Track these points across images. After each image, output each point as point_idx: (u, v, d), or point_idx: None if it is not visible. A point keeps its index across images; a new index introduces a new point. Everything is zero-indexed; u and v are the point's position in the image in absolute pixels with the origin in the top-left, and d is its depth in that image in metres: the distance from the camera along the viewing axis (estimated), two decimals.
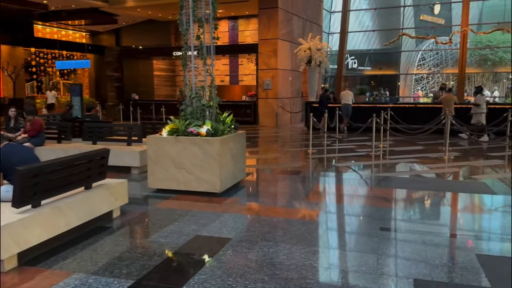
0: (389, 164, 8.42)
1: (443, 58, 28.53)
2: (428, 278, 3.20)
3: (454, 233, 4.37)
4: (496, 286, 3.09)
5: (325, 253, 3.78)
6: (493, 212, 5.25)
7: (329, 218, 4.97)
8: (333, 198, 5.99)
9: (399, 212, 5.28)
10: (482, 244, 4.05)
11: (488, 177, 7.08)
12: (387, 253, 3.71)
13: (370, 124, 9.57)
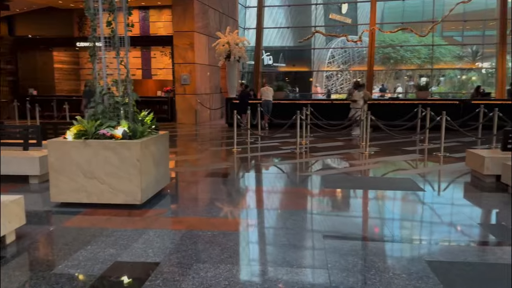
0: (315, 161, 8.27)
1: (351, 56, 29.97)
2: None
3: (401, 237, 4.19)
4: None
5: (275, 272, 3.30)
6: (433, 212, 5.23)
7: (270, 227, 4.52)
8: (269, 203, 5.57)
9: (341, 216, 5.02)
10: (436, 252, 3.90)
11: (411, 172, 7.22)
12: (337, 267, 3.36)
13: (294, 121, 9.39)
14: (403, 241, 3.99)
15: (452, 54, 26.39)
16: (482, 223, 4.60)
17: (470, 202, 5.61)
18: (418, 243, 3.97)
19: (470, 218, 4.76)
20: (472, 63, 25.22)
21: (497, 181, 6.16)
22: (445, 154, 8.69)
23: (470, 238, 4.13)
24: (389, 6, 29.33)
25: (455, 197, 5.85)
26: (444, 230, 4.45)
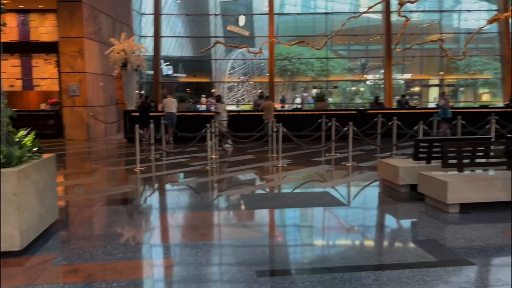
0: (229, 178, 7.70)
1: (250, 67, 30.29)
2: None
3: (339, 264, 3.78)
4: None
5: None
6: (364, 228, 4.97)
7: (190, 266, 3.78)
8: (186, 234, 4.81)
9: (269, 245, 4.48)
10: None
11: (327, 185, 7.03)
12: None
13: (204, 134, 8.74)
14: (350, 269, 3.59)
15: (342, 67, 28.11)
16: (415, 239, 4.44)
17: (393, 214, 5.51)
18: (367, 276, 3.60)
19: (402, 233, 4.60)
20: (361, 75, 27.20)
21: (412, 191, 6.22)
22: (353, 163, 8.78)
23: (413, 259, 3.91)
24: (282, 21, 30.32)
25: (378, 211, 5.73)
26: (383, 250, 4.19)
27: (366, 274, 3.42)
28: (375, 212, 5.63)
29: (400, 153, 10.17)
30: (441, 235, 4.43)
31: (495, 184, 5.22)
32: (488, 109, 13.73)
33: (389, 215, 5.44)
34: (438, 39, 14.32)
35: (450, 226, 4.75)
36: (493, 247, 4.12)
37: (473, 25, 25.83)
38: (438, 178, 5.34)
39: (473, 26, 25.55)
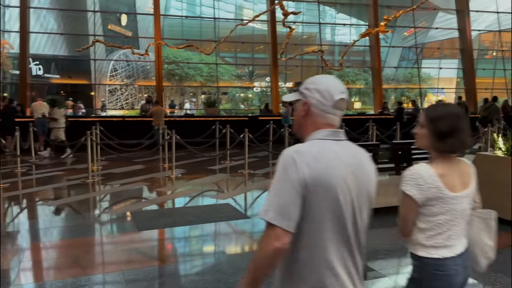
0: (116, 193, 6.85)
1: (135, 70, 28.68)
2: None
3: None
4: None
5: None
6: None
7: None
8: (64, 267, 3.96)
9: (175, 274, 3.91)
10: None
11: (226, 196, 6.67)
12: None
13: (84, 142, 7.68)
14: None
15: (230, 73, 28.28)
16: None
17: None
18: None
19: None
20: (250, 82, 27.65)
21: None
22: (250, 171, 8.60)
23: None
24: (168, 24, 29.39)
25: None
26: None
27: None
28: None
29: None
30: None
31: (388, 190, 5.42)
32: (365, 116, 14.91)
33: None
34: (319, 50, 15.11)
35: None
36: (397, 253, 4.18)
37: (345, 39, 28.21)
38: None
39: (345, 39, 27.90)
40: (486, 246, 1.89)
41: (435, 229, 1.77)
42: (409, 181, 1.81)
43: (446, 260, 1.76)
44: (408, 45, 26.74)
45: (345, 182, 1.32)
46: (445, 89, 26.14)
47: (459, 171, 1.81)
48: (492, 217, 1.92)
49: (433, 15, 26.25)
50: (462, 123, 1.76)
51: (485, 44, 27.99)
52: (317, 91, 1.40)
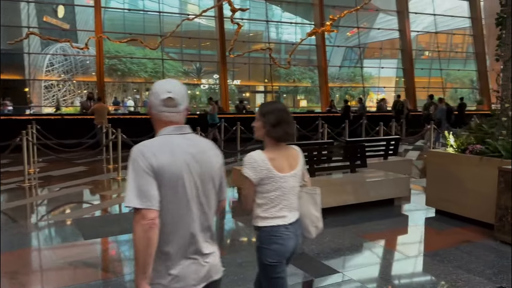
0: (56, 197, 6.28)
1: (73, 65, 27.11)
2: None
3: None
4: None
5: None
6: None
7: None
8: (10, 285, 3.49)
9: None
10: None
11: None
12: None
13: (19, 142, 7.00)
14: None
15: (176, 70, 27.56)
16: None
17: None
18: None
19: None
20: (198, 79, 27.08)
21: None
22: None
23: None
24: (109, 17, 28.05)
25: (245, 223, 5.34)
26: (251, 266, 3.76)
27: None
28: (237, 223, 5.22)
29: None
30: (308, 246, 4.26)
31: (345, 188, 5.40)
32: (314, 114, 15.09)
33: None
34: (267, 48, 15.07)
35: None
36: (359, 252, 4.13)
37: (291, 37, 28.53)
38: None
39: (291, 38, 28.21)
40: (313, 217, 2.25)
41: (269, 203, 2.12)
42: (247, 165, 2.11)
43: (279, 227, 2.12)
44: (351, 45, 27.55)
45: (188, 167, 1.59)
46: (386, 88, 27.28)
47: (287, 156, 2.18)
48: (317, 193, 2.28)
49: (374, 16, 27.24)
50: (287, 117, 2.16)
51: (421, 45, 29.52)
52: (152, 94, 1.67)
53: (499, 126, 4.98)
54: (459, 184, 5.05)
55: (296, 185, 2.19)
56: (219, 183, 1.75)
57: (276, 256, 2.12)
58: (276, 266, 2.13)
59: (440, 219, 5.23)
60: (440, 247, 4.20)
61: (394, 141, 7.52)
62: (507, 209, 4.22)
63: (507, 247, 4.16)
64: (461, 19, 25.45)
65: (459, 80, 27.63)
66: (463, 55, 27.75)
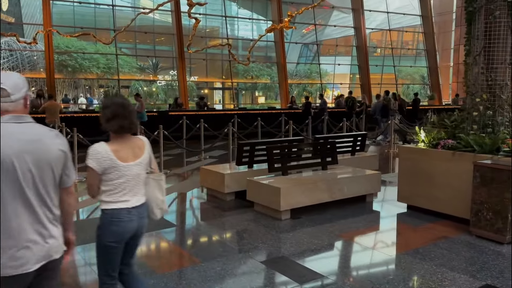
0: None
1: (19, 60, 25.44)
2: None
3: None
4: None
5: None
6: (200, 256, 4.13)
7: None
8: None
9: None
10: None
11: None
12: None
13: None
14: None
15: (130, 65, 26.55)
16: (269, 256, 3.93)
17: (230, 228, 4.91)
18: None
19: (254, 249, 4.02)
20: (154, 75, 26.20)
21: (237, 198, 5.82)
22: (166, 171, 7.93)
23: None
24: (57, 11, 26.54)
25: (212, 226, 5.05)
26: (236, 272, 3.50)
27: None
28: (209, 227, 4.93)
29: (208, 156, 9.84)
30: (288, 249, 4.07)
31: (319, 186, 5.27)
32: (276, 111, 14.98)
33: (228, 229, 4.83)
34: (226, 44, 14.78)
35: (287, 234, 4.47)
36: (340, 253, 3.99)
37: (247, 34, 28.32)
38: (270, 185, 5.05)
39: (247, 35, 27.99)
40: (159, 200, 2.49)
41: (113, 189, 2.30)
42: (90, 157, 2.26)
43: (121, 210, 2.30)
44: (307, 42, 27.75)
45: (22, 155, 1.67)
46: (341, 84, 27.74)
47: (132, 146, 2.35)
48: (163, 179, 2.52)
49: (329, 14, 27.56)
50: (123, 111, 2.29)
51: (374, 42, 30.29)
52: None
53: (469, 121, 5.02)
54: (432, 179, 5.06)
55: (141, 172, 2.37)
56: (60, 171, 1.81)
57: (113, 237, 2.29)
58: (113, 246, 2.31)
59: (412, 214, 5.22)
60: (419, 245, 4.15)
61: (361, 137, 7.51)
62: (483, 204, 4.24)
63: (484, 241, 4.18)
64: (412, 17, 26.32)
65: (410, 76, 28.60)
66: (414, 52, 28.73)
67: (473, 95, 4.98)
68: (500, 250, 3.97)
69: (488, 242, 4.16)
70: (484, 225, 4.25)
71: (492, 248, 4.02)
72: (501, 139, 4.61)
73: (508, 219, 4.06)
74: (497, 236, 4.14)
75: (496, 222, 4.15)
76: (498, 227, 4.13)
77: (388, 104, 13.22)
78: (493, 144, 4.60)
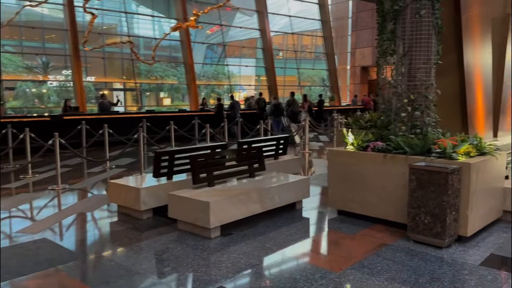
0: None
1: None
2: None
3: None
4: None
5: None
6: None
7: None
8: None
9: None
10: None
11: (42, 226, 4.91)
12: None
13: None
14: None
15: (15, 65, 23.46)
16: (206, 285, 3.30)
17: (147, 251, 4.16)
18: None
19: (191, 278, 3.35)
20: (44, 76, 23.36)
21: (156, 215, 5.09)
22: (64, 186, 6.80)
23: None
24: None
25: (130, 253, 4.24)
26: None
27: None
28: (124, 254, 4.13)
29: (115, 165, 8.79)
30: (223, 274, 3.50)
31: (251, 197, 4.78)
32: (188, 113, 14.20)
33: (147, 255, 4.07)
34: (128, 41, 13.67)
35: (219, 255, 3.90)
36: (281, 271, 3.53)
37: (148, 33, 26.87)
38: (197, 199, 4.42)
39: (148, 33, 26.55)
40: None
41: None
42: None
43: None
44: (214, 43, 27.32)
45: None
46: (250, 86, 27.83)
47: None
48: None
49: (232, 15, 27.49)
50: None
51: (275, 45, 31.00)
52: None
53: (397, 122, 4.95)
54: (363, 183, 4.89)
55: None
56: None
57: None
58: None
59: (345, 220, 5.01)
60: (362, 255, 3.89)
61: (284, 140, 7.22)
62: (420, 208, 4.13)
63: (423, 247, 4.07)
64: (311, 21, 27.38)
65: (311, 78, 29.78)
66: (312, 55, 29.93)
67: (400, 95, 4.91)
68: (441, 255, 3.87)
69: (427, 247, 4.06)
70: (422, 230, 4.14)
71: (433, 254, 3.91)
72: (431, 140, 4.58)
73: (446, 223, 3.99)
74: (436, 241, 4.06)
75: (434, 226, 4.06)
76: (437, 231, 4.05)
77: (279, 104, 13.43)
78: (424, 145, 4.55)
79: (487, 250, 3.99)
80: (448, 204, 3.97)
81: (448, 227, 4.01)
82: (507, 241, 4.24)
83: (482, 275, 3.45)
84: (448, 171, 3.94)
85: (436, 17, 4.73)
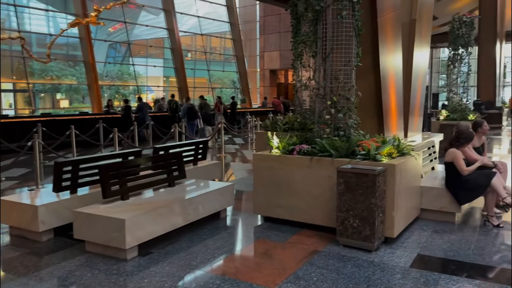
0: None
1: None
2: None
3: None
4: None
5: None
6: None
7: None
8: None
9: None
10: None
11: None
12: None
13: None
14: None
15: None
16: None
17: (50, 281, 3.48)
18: None
19: None
20: None
21: (57, 236, 4.37)
22: None
23: None
24: None
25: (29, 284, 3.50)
26: None
27: None
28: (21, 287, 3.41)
29: (4, 177, 7.60)
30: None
31: (173, 209, 4.32)
32: (91, 116, 13.02)
33: (53, 284, 3.40)
34: (18, 37, 12.17)
35: (138, 279, 3.40)
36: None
37: (41, 29, 24.43)
38: (110, 216, 3.84)
39: (41, 30, 24.14)
40: None
41: None
42: None
43: None
44: (118, 41, 25.75)
45: None
46: (156, 87, 26.76)
47: None
48: None
49: (137, 13, 26.23)
50: None
51: (184, 46, 30.33)
52: None
53: (320, 124, 4.86)
54: (290, 188, 4.72)
55: None
56: None
57: None
58: None
59: (272, 227, 4.81)
60: (295, 266, 3.69)
61: (203, 144, 6.82)
62: (349, 211, 4.05)
63: (354, 251, 4.00)
64: (220, 23, 27.22)
65: (221, 80, 29.64)
66: (222, 57, 29.83)
67: (323, 97, 4.84)
68: (372, 259, 3.82)
69: (358, 251, 4.00)
70: (351, 233, 4.07)
71: (364, 258, 3.85)
72: (355, 142, 4.56)
73: (375, 225, 3.96)
74: (366, 244, 4.01)
75: (363, 229, 4.01)
76: (366, 235, 4.00)
77: (193, 106, 13.09)
78: (348, 147, 4.52)
79: (413, 251, 4.05)
80: (376, 206, 3.94)
81: (376, 230, 3.99)
82: (429, 239, 4.37)
83: (415, 277, 3.44)
84: (375, 173, 3.91)
85: (356, 19, 4.73)
